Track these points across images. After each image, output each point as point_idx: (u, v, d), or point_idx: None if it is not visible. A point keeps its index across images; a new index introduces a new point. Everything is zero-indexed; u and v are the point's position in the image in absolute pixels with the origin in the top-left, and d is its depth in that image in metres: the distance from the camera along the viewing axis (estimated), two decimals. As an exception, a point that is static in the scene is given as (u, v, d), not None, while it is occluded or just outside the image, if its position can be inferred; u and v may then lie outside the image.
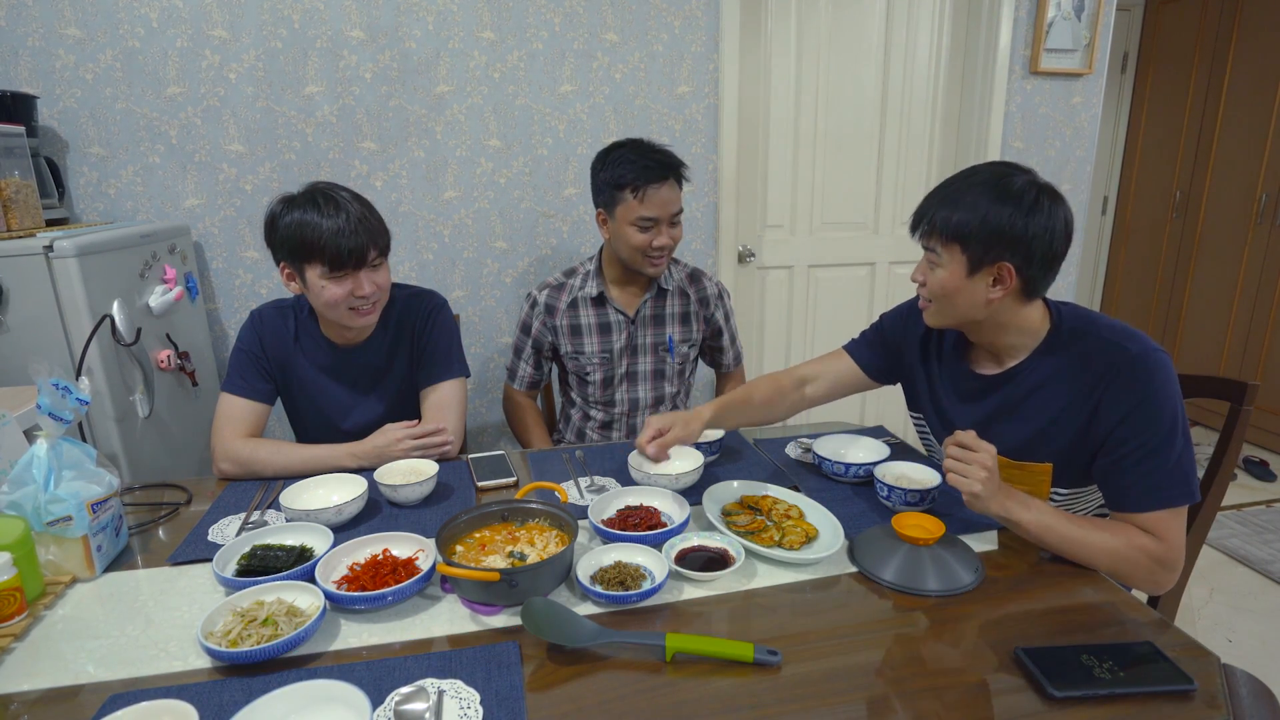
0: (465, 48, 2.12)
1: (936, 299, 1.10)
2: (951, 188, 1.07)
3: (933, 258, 1.08)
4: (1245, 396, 1.23)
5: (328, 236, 1.25)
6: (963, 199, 1.04)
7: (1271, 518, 2.66)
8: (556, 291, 1.73)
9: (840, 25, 2.51)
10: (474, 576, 0.89)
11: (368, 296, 1.31)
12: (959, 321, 1.12)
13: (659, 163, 1.56)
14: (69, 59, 1.90)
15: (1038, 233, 1.01)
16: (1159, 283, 3.68)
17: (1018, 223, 1.00)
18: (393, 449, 1.31)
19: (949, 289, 1.07)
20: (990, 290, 1.05)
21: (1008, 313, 1.08)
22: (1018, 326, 1.10)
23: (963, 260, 1.04)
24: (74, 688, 0.80)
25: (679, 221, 1.62)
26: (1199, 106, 3.39)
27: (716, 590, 0.96)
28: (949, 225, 1.04)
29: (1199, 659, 0.80)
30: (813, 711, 0.74)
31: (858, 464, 1.26)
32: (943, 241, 1.05)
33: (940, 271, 1.07)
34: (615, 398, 1.76)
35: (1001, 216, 1.00)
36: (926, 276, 1.11)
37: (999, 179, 1.03)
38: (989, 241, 1.01)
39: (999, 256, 1.02)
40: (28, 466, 0.97)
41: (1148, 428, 1.00)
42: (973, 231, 1.02)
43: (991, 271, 1.03)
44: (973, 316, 1.09)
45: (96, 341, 1.47)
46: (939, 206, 1.06)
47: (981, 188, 1.03)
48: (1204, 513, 1.25)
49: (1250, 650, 1.96)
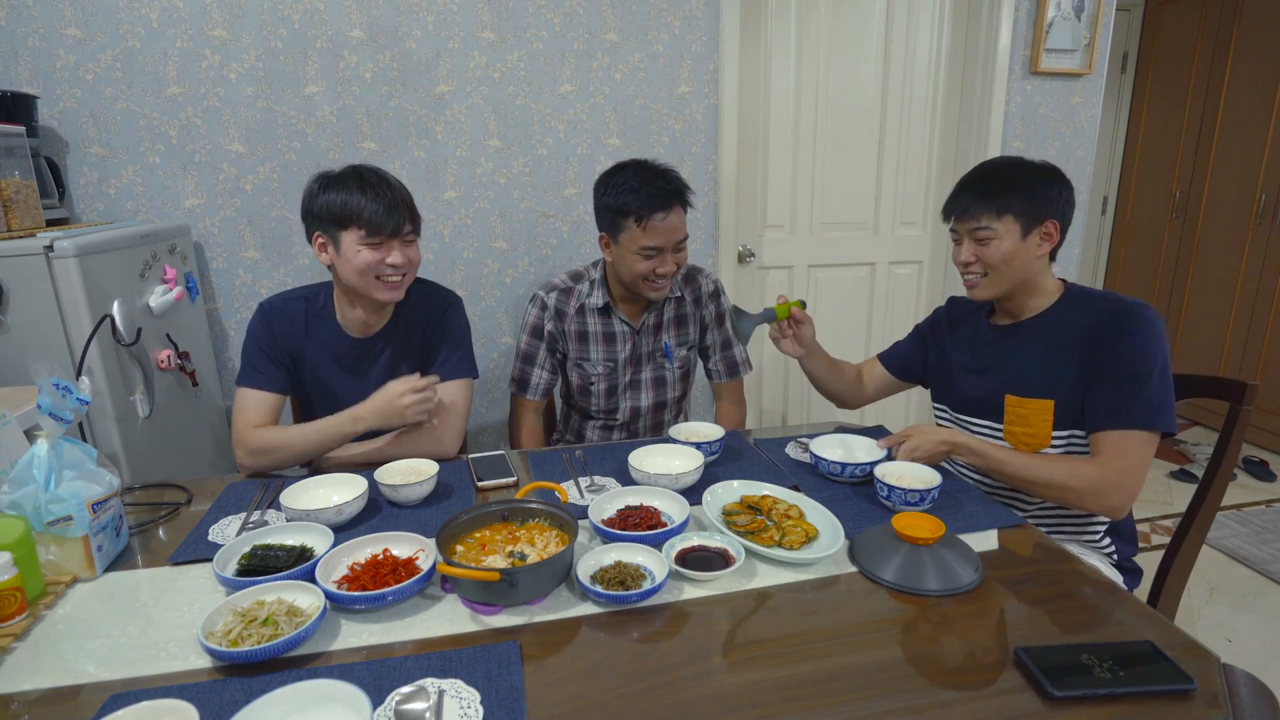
0: (465, 48, 2.12)
1: (995, 268, 1.27)
2: (984, 179, 1.27)
3: (984, 234, 1.25)
4: (1245, 396, 1.23)
5: (369, 204, 1.31)
6: (997, 184, 1.25)
7: (1271, 518, 2.66)
8: (565, 296, 1.69)
9: (840, 25, 2.51)
10: (474, 576, 0.89)
11: (398, 266, 1.35)
12: (1015, 284, 1.29)
13: (662, 190, 1.51)
14: (69, 59, 1.90)
15: (1065, 195, 1.25)
16: (1159, 283, 3.68)
17: (1052, 189, 1.24)
18: (394, 403, 1.30)
19: (1009, 254, 1.25)
20: (1039, 246, 1.26)
21: (1040, 272, 1.29)
22: (1044, 288, 1.30)
23: (1016, 227, 1.24)
24: (74, 688, 0.80)
25: (684, 246, 1.58)
26: (1199, 106, 3.39)
27: (716, 590, 0.96)
28: (1003, 202, 1.24)
29: (1199, 659, 0.80)
30: (813, 711, 0.74)
31: (854, 464, 1.26)
32: (996, 216, 1.24)
33: (997, 243, 1.25)
34: (618, 405, 1.75)
35: (1040, 185, 1.24)
36: (979, 254, 1.27)
37: (1020, 164, 1.27)
38: (1036, 206, 1.23)
39: (1046, 215, 1.24)
40: (28, 466, 0.97)
41: (1129, 355, 1.17)
42: (1022, 201, 1.23)
43: (1040, 230, 1.24)
44: (1025, 276, 1.27)
45: (96, 341, 1.47)
46: (980, 195, 1.25)
47: (1012, 170, 1.26)
48: (1204, 512, 1.25)
49: (1250, 650, 1.96)
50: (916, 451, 1.23)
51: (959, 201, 1.29)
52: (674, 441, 1.36)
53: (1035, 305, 1.31)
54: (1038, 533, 1.11)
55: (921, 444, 1.23)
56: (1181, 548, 1.27)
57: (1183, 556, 1.27)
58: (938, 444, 1.23)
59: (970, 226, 1.27)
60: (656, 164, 1.56)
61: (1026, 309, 1.32)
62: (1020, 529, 1.11)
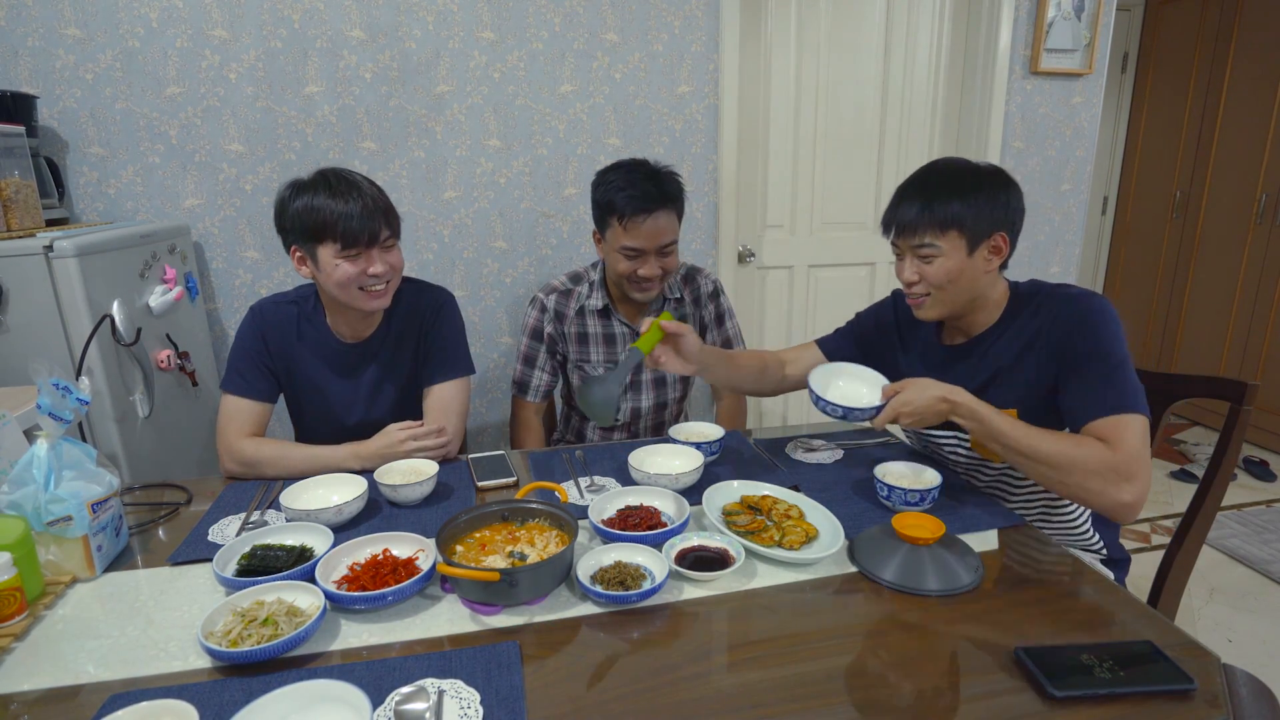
0: (465, 48, 2.12)
1: (940, 287, 1.18)
2: (925, 189, 1.16)
3: (928, 251, 1.16)
4: (1245, 396, 1.22)
5: (341, 215, 1.26)
6: (942, 193, 1.14)
7: (1271, 518, 2.66)
8: (564, 298, 1.69)
9: (840, 25, 2.51)
10: (474, 576, 0.89)
11: (380, 276, 1.31)
12: (961, 304, 1.20)
13: (647, 192, 1.48)
14: (69, 59, 1.90)
15: (1014, 201, 1.16)
16: (1159, 283, 3.68)
17: (999, 197, 1.14)
18: (395, 449, 1.31)
19: (954, 273, 1.16)
20: (987, 262, 1.17)
21: (989, 286, 1.20)
22: (993, 301, 1.23)
23: (962, 243, 1.14)
24: (74, 688, 0.80)
25: (671, 251, 1.55)
26: (1199, 106, 3.39)
27: (716, 590, 0.96)
28: (946, 216, 1.13)
29: (1199, 659, 0.80)
30: (813, 711, 0.74)
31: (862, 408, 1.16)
32: (939, 232, 1.14)
33: (941, 261, 1.16)
34: (619, 407, 1.74)
35: (986, 194, 1.14)
36: (922, 272, 1.18)
37: (965, 170, 1.17)
38: (984, 219, 1.13)
39: (994, 229, 1.15)
40: (28, 466, 0.97)
41: (1090, 339, 1.11)
42: (968, 214, 1.13)
43: (988, 245, 1.15)
44: (973, 294, 1.19)
45: (96, 341, 1.47)
46: (922, 207, 1.15)
47: (955, 179, 1.15)
48: (1204, 512, 1.25)
49: (1250, 650, 1.96)
50: (908, 407, 1.12)
51: (899, 213, 1.19)
52: (674, 441, 1.35)
53: (985, 320, 1.24)
54: (1038, 533, 1.11)
55: (914, 399, 1.12)
56: (1182, 548, 1.27)
57: (1183, 557, 1.27)
58: (935, 400, 1.12)
59: (912, 243, 1.18)
60: (653, 165, 1.54)
61: (977, 324, 1.24)
62: (1020, 529, 1.11)
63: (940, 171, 1.18)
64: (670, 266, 1.57)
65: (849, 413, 1.17)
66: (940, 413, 1.12)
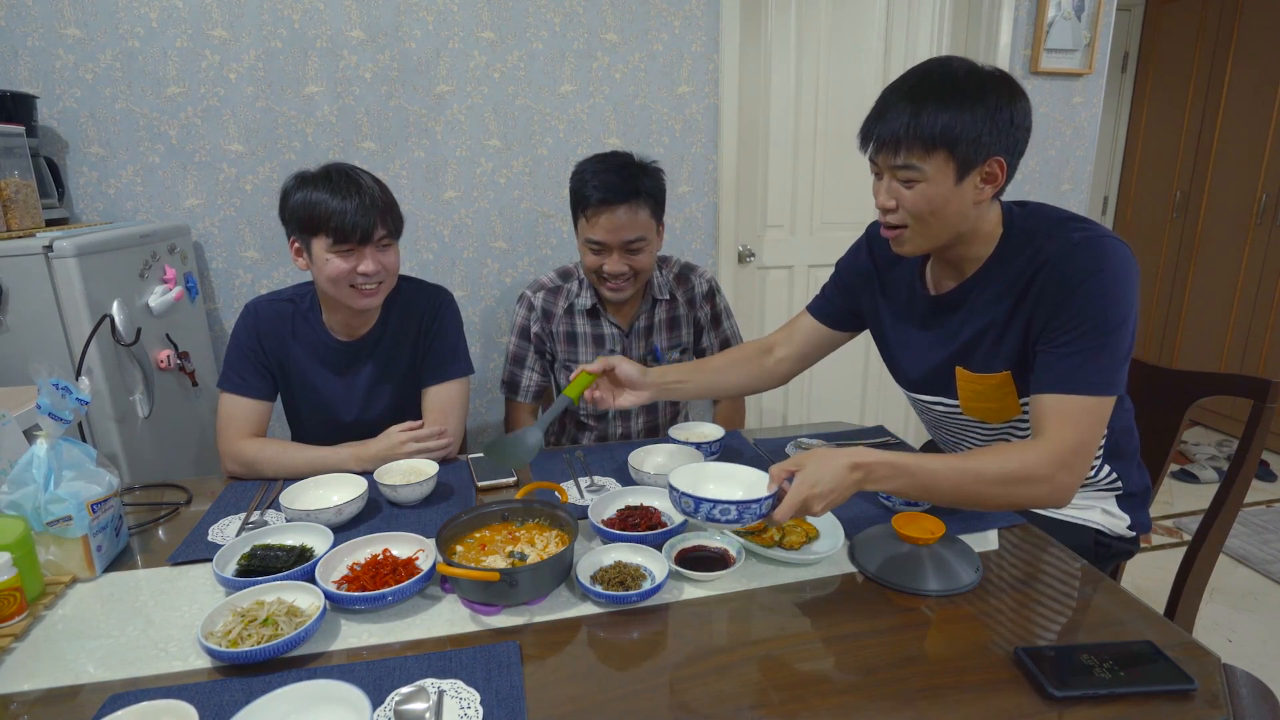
0: (465, 48, 2.12)
1: (920, 219, 1.00)
2: (915, 93, 0.95)
3: (909, 174, 0.97)
4: (1269, 394, 1.17)
5: (336, 210, 1.26)
6: (931, 101, 0.93)
7: (1271, 518, 2.66)
8: (553, 295, 1.67)
9: (840, 25, 2.51)
10: (474, 576, 0.88)
11: (371, 275, 1.30)
12: (942, 240, 1.03)
13: (610, 185, 1.43)
14: (69, 59, 1.90)
15: (1018, 118, 0.95)
16: (1159, 283, 3.68)
17: (1002, 113, 0.93)
18: (396, 451, 1.31)
19: (936, 202, 0.97)
20: (979, 190, 0.98)
21: (982, 217, 1.02)
22: (985, 233, 1.05)
23: (950, 167, 0.95)
24: (74, 688, 0.80)
25: (640, 249, 1.49)
26: (1199, 106, 3.39)
27: (716, 590, 0.96)
28: (935, 131, 0.93)
29: (1199, 659, 0.80)
30: (813, 711, 0.74)
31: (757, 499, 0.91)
32: (924, 151, 0.95)
33: (923, 186, 0.97)
34: (608, 411, 1.68)
35: (988, 109, 0.93)
36: (899, 197, 1.00)
37: (966, 74, 0.95)
38: (981, 139, 0.93)
39: (991, 152, 0.95)
40: (28, 466, 0.97)
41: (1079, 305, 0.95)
42: (964, 131, 0.93)
43: (981, 170, 0.96)
44: (959, 227, 1.01)
45: (96, 341, 1.47)
46: (909, 115, 0.94)
47: (951, 86, 0.94)
48: (1223, 516, 1.21)
49: (1250, 650, 1.96)
50: (817, 486, 0.88)
51: (881, 123, 0.98)
52: (674, 441, 1.35)
53: (976, 254, 1.05)
54: (1038, 533, 1.11)
55: (820, 476, 0.89)
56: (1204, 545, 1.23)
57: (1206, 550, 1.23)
58: (844, 470, 0.90)
59: (893, 162, 0.98)
60: (631, 159, 1.50)
61: (967, 260, 1.07)
62: (1020, 529, 1.11)
63: (936, 76, 0.96)
64: (640, 265, 1.52)
65: (742, 512, 0.90)
66: (856, 482, 0.92)
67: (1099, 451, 1.13)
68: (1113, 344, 0.95)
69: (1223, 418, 3.48)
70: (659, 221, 1.54)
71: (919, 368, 1.18)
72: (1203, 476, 2.98)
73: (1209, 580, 1.26)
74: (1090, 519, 1.17)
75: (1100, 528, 1.17)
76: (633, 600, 0.92)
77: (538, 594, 0.93)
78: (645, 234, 1.49)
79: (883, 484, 0.93)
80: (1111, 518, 1.18)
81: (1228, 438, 3.42)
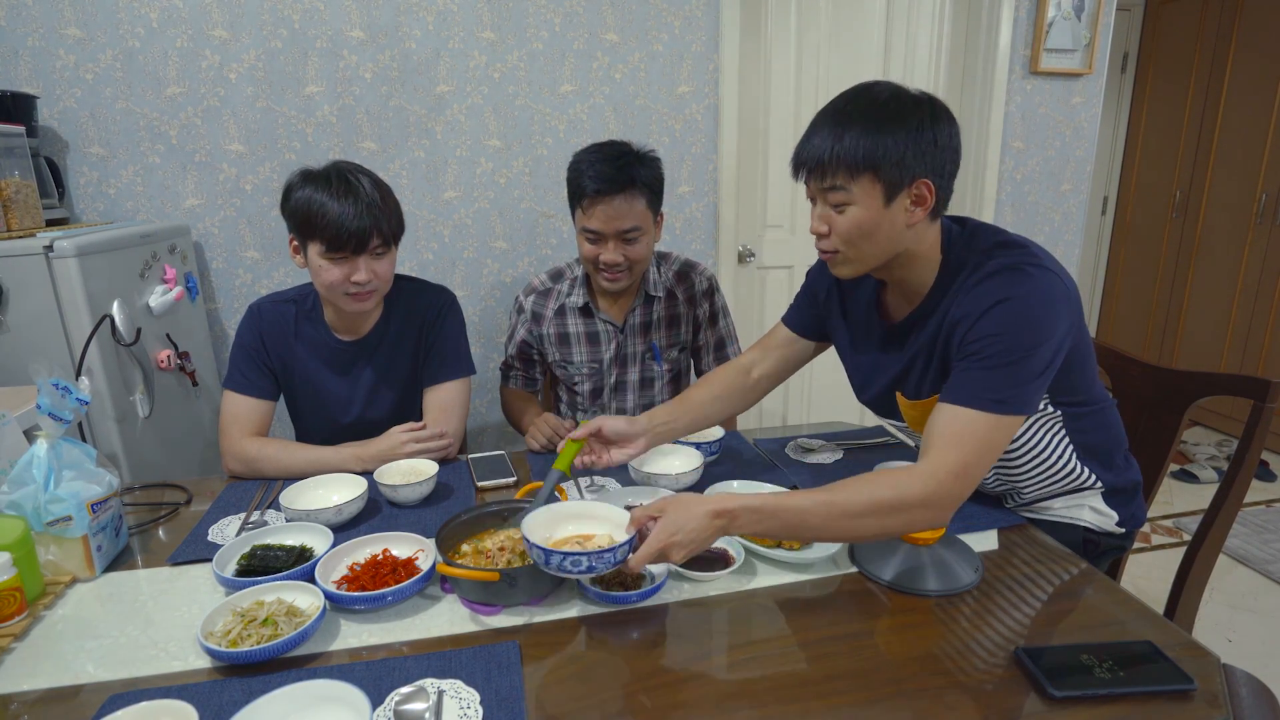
0: (465, 48, 2.12)
1: (851, 242, 1.00)
2: (838, 117, 0.97)
3: (838, 197, 0.98)
4: (1269, 394, 1.17)
5: (331, 217, 1.25)
6: (854, 126, 0.95)
7: (1271, 518, 2.66)
8: (543, 298, 1.66)
9: (840, 25, 2.51)
10: (474, 576, 0.89)
11: (363, 284, 1.30)
12: (877, 262, 1.03)
13: (604, 175, 1.43)
14: (69, 59, 1.90)
15: (945, 143, 0.96)
16: (1159, 283, 3.68)
17: (924, 135, 0.94)
18: (397, 451, 1.31)
19: (866, 226, 0.98)
20: (909, 214, 0.98)
21: (919, 240, 1.02)
22: (924, 256, 1.04)
23: (877, 189, 0.96)
24: (74, 688, 0.80)
25: (636, 239, 1.49)
26: (1199, 106, 3.39)
27: (716, 590, 0.96)
28: (858, 155, 0.94)
29: (1199, 659, 0.80)
30: (813, 711, 0.74)
31: (610, 549, 0.86)
32: (850, 175, 0.96)
33: (853, 210, 0.98)
34: (605, 408, 1.72)
35: (910, 132, 0.94)
36: (830, 223, 1.00)
37: (889, 97, 0.96)
38: (904, 161, 0.94)
39: (916, 174, 0.95)
40: (28, 466, 0.97)
41: (987, 334, 0.94)
42: (886, 154, 0.93)
43: (909, 193, 0.97)
44: (892, 249, 1.01)
45: (96, 341, 1.47)
46: (833, 141, 0.96)
47: (873, 110, 0.95)
48: (1223, 515, 1.21)
49: (1250, 650, 1.96)
50: (679, 534, 0.86)
51: (808, 147, 0.99)
52: (674, 442, 1.35)
53: (921, 279, 1.06)
54: (1038, 532, 1.11)
55: (681, 522, 0.86)
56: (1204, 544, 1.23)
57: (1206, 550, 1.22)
58: (707, 517, 0.87)
59: (822, 186, 0.99)
60: (628, 148, 1.48)
61: (913, 284, 1.07)
62: (1020, 529, 1.11)
63: (858, 99, 0.97)
64: (635, 255, 1.51)
65: (595, 562, 0.84)
66: (719, 529, 0.88)
67: (1069, 452, 1.13)
68: (1019, 366, 0.93)
69: (1222, 418, 3.48)
70: (656, 212, 1.53)
71: (867, 391, 1.21)
72: (1202, 476, 2.98)
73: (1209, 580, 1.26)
74: (1080, 518, 1.18)
75: (1090, 525, 1.17)
76: (632, 600, 0.92)
77: (538, 594, 0.93)
78: (641, 224, 1.49)
79: (748, 529, 0.90)
80: (1100, 515, 1.18)
81: (1227, 438, 3.42)
